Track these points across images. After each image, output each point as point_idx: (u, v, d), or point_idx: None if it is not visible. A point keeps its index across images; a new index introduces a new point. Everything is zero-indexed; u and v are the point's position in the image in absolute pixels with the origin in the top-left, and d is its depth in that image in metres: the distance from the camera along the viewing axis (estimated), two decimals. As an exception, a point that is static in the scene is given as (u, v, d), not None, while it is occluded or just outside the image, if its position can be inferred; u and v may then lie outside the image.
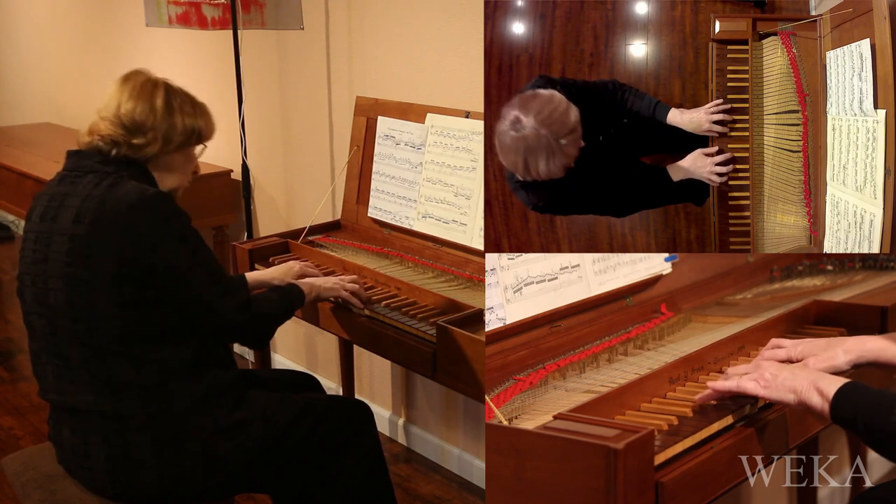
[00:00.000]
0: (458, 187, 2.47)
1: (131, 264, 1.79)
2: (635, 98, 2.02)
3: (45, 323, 1.88)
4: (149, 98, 1.91)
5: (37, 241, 1.88)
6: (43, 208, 1.90)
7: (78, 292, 1.81)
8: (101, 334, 1.81)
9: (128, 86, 1.93)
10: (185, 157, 1.99)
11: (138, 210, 1.80)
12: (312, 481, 2.04)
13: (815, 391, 1.37)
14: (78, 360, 1.84)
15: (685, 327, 1.94)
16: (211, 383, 1.90)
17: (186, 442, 1.86)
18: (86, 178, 1.88)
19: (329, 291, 2.21)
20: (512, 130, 1.75)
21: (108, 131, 1.90)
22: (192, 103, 1.99)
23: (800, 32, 1.96)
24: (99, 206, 1.81)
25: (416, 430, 3.19)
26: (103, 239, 1.79)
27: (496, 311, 1.70)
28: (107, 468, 1.85)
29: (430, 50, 2.76)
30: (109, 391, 1.83)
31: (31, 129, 5.26)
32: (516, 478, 1.31)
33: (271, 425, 1.95)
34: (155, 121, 1.90)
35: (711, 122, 1.97)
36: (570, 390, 1.62)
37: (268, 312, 2.02)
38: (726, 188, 2.01)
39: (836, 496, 2.62)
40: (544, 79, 1.97)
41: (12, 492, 2.08)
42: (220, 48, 3.67)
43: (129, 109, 1.89)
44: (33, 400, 3.65)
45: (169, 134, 1.92)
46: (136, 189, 1.83)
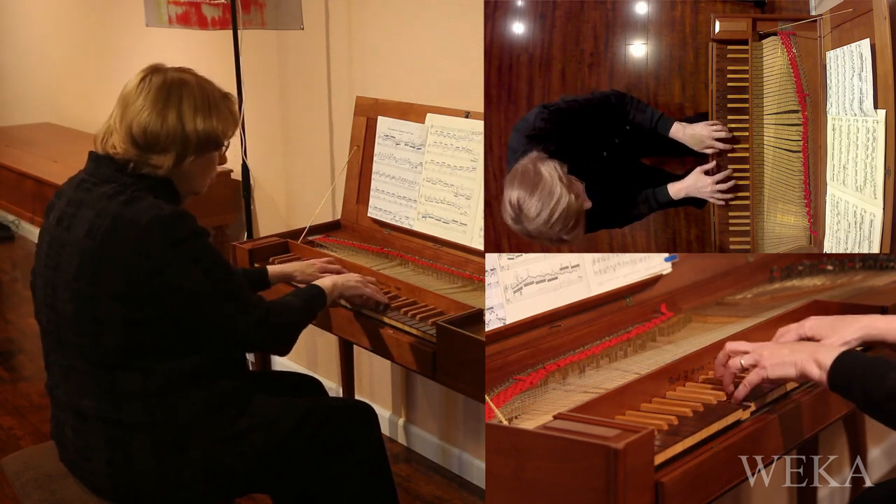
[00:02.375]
0: (458, 187, 2.47)
1: (138, 285, 1.76)
2: (637, 111, 2.01)
3: (53, 328, 1.87)
4: (161, 110, 1.83)
5: (50, 245, 1.86)
6: (60, 211, 1.86)
7: (84, 306, 1.79)
8: (106, 347, 1.80)
9: (142, 92, 1.85)
10: (205, 162, 1.93)
11: (149, 232, 1.75)
12: (314, 482, 2.03)
13: (813, 362, 1.41)
14: (83, 367, 1.83)
15: (685, 327, 1.94)
16: (216, 392, 1.88)
17: (189, 450, 1.85)
18: (102, 188, 1.83)
19: (352, 290, 2.17)
20: (514, 223, 1.77)
21: (122, 148, 1.84)
22: (210, 104, 1.89)
23: (800, 32, 1.96)
24: (112, 223, 1.77)
25: (416, 430, 3.19)
26: (112, 258, 1.76)
27: (496, 311, 1.70)
28: (108, 472, 1.85)
29: (430, 50, 2.76)
30: (113, 399, 1.82)
31: (31, 129, 5.26)
32: (516, 478, 1.31)
33: (274, 431, 1.94)
34: (168, 134, 1.83)
35: (713, 140, 1.97)
36: (570, 390, 1.62)
37: (289, 321, 1.96)
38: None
39: (836, 496, 2.62)
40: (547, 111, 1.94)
41: (12, 492, 2.08)
42: (220, 48, 3.67)
43: (140, 123, 1.82)
44: (33, 400, 3.65)
45: (183, 150, 1.85)
46: (151, 208, 1.77)
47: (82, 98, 5.21)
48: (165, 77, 1.88)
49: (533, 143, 1.87)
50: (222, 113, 1.91)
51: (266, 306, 1.92)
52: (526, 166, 1.77)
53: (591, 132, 1.99)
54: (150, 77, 1.88)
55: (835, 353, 1.40)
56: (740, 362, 1.49)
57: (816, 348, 1.44)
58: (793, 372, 1.43)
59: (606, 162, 2.01)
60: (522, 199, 1.73)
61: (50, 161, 4.19)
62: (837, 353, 1.39)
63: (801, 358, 1.42)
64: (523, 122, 1.96)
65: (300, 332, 2.01)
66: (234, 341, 1.88)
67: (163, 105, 1.84)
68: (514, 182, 1.76)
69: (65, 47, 5.33)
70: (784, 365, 1.44)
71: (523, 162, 1.79)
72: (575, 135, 1.93)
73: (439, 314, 2.11)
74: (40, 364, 4.00)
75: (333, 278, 2.17)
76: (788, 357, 1.44)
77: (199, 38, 3.85)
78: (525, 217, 1.74)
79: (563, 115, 1.95)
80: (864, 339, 1.56)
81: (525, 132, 1.92)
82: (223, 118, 1.91)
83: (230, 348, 1.90)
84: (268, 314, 1.90)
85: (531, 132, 1.92)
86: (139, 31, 4.17)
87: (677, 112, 2.08)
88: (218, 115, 1.90)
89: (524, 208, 1.73)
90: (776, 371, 1.44)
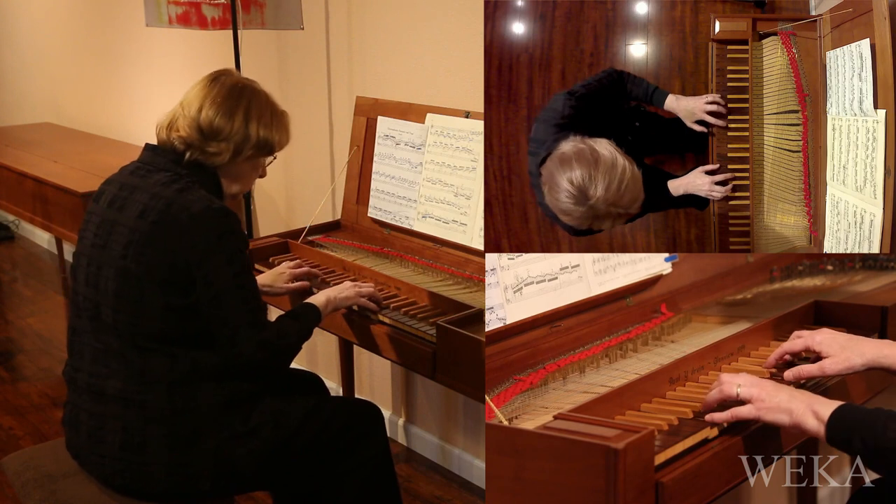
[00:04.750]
0: (458, 187, 2.47)
1: (181, 272, 1.82)
2: (633, 84, 2.02)
3: (91, 306, 1.91)
4: (231, 107, 1.94)
5: (100, 225, 1.92)
6: (112, 195, 1.93)
7: (128, 285, 1.84)
8: (141, 330, 1.85)
9: (214, 88, 1.96)
10: (253, 165, 2.03)
11: (199, 221, 1.82)
12: (318, 481, 2.04)
13: (810, 414, 1.38)
14: (115, 347, 1.87)
15: (685, 327, 1.94)
16: (235, 390, 1.91)
17: (201, 443, 1.87)
18: (158, 175, 1.91)
19: (346, 301, 2.18)
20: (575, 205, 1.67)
21: (186, 133, 1.92)
22: (272, 113, 2.01)
23: (800, 32, 1.96)
24: (165, 207, 1.84)
25: (416, 430, 3.19)
26: (161, 241, 1.82)
27: (496, 311, 1.70)
28: (119, 456, 1.86)
29: (430, 50, 2.76)
30: (139, 381, 1.86)
31: (31, 129, 5.26)
32: (516, 478, 1.31)
33: (281, 428, 1.95)
34: (231, 131, 1.94)
35: (705, 112, 1.97)
36: (569, 390, 1.62)
37: (287, 346, 1.99)
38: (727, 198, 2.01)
39: (836, 496, 2.62)
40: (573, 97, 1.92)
41: (12, 492, 2.08)
42: (220, 48, 3.67)
43: (209, 116, 1.92)
44: (33, 400, 3.65)
45: (241, 146, 1.95)
46: (204, 199, 1.86)
47: (82, 98, 5.21)
48: (236, 80, 2.00)
49: (564, 131, 1.83)
50: (282, 125, 2.04)
51: (275, 331, 1.95)
52: (578, 147, 1.70)
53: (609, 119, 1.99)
54: (222, 77, 2.00)
55: (832, 406, 1.37)
56: (736, 391, 1.44)
57: (813, 399, 1.40)
58: (787, 420, 1.40)
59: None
60: (586, 177, 1.65)
61: (50, 161, 4.19)
62: (835, 407, 1.36)
63: (798, 408, 1.39)
64: (549, 112, 1.93)
65: (293, 357, 2.04)
66: (234, 352, 1.88)
67: (233, 104, 1.95)
68: (570, 164, 1.68)
69: (65, 47, 5.33)
70: (779, 411, 1.40)
71: (568, 146, 1.71)
72: (598, 120, 1.91)
73: (439, 314, 2.11)
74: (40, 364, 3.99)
75: (326, 293, 2.16)
76: (785, 404, 1.40)
77: (199, 38, 3.85)
78: (591, 195, 1.65)
79: (586, 100, 1.94)
80: (870, 364, 1.53)
81: (554, 121, 1.89)
82: (280, 130, 2.03)
83: (229, 360, 1.90)
84: (275, 339, 1.93)
85: (560, 121, 1.89)
86: (139, 31, 4.17)
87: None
88: (278, 126, 2.02)
89: (589, 185, 1.65)
90: (770, 415, 1.41)
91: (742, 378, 1.47)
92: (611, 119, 2.00)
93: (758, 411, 1.41)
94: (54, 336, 4.31)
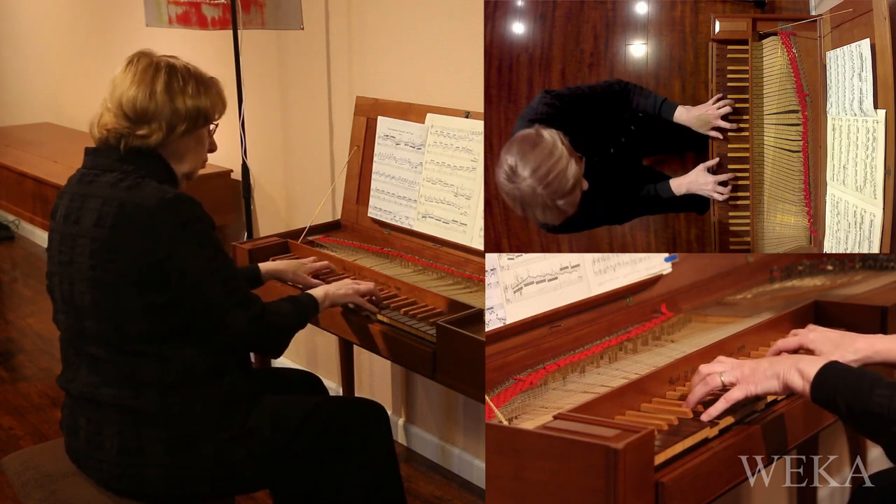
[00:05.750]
0: (458, 187, 2.47)
1: (152, 269, 1.80)
2: (640, 97, 2.01)
3: (73, 322, 1.90)
4: (149, 84, 1.88)
5: (62, 242, 1.89)
6: (66, 209, 1.90)
7: (103, 294, 1.82)
8: (127, 334, 1.83)
9: (129, 72, 1.91)
10: (195, 139, 1.96)
11: (157, 216, 1.79)
12: (319, 481, 2.04)
13: (796, 372, 1.38)
14: (104, 357, 1.86)
15: (685, 327, 1.94)
16: (230, 390, 1.91)
17: (200, 445, 1.87)
18: (104, 177, 1.87)
19: (343, 298, 2.18)
20: (507, 181, 1.71)
21: (114, 123, 1.88)
22: (197, 81, 1.94)
23: (800, 32, 1.96)
24: (119, 209, 1.81)
25: (416, 430, 3.19)
26: (124, 244, 1.80)
27: (496, 311, 1.70)
28: (117, 460, 1.86)
29: (430, 50, 2.76)
30: (132, 387, 1.85)
31: (31, 129, 5.26)
32: (516, 478, 1.31)
33: (281, 429, 1.95)
34: (157, 108, 1.87)
35: (719, 118, 1.97)
36: (570, 390, 1.62)
37: (281, 324, 1.98)
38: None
39: (836, 496, 2.62)
40: (550, 96, 1.94)
41: (12, 492, 2.08)
42: (220, 48, 3.67)
43: (130, 98, 1.87)
44: (33, 400, 3.65)
45: (172, 121, 1.89)
46: (156, 192, 1.81)
47: (82, 98, 5.21)
48: (152, 59, 1.94)
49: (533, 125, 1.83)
50: (210, 92, 1.97)
51: (262, 305, 1.94)
52: (526, 132, 1.73)
53: (597, 124, 1.98)
54: (137, 59, 1.94)
55: (818, 364, 1.37)
56: (720, 380, 1.45)
57: (798, 359, 1.41)
58: (776, 384, 1.40)
59: (610, 159, 2.00)
60: (520, 157, 1.68)
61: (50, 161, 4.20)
62: (822, 364, 1.37)
63: (784, 369, 1.39)
64: (528, 108, 1.95)
65: (291, 336, 2.03)
66: (227, 334, 1.89)
67: (151, 80, 1.89)
68: (512, 146, 1.71)
69: (65, 47, 5.33)
70: (767, 378, 1.41)
71: (524, 130, 1.74)
72: (580, 124, 1.91)
73: (439, 314, 2.11)
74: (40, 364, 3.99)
75: (325, 288, 2.17)
76: (770, 370, 1.41)
77: (199, 38, 3.85)
78: (519, 175, 1.67)
79: (566, 101, 1.94)
80: (864, 360, 1.53)
81: (528, 117, 1.90)
82: (212, 98, 1.96)
83: (221, 341, 1.90)
84: (263, 312, 1.93)
85: (534, 116, 1.89)
86: (139, 31, 4.17)
87: (677, 112, 2.08)
88: (206, 93, 1.95)
89: (520, 165, 1.67)
90: (760, 386, 1.41)
91: (719, 365, 1.48)
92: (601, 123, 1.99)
93: (748, 387, 1.42)
94: (54, 336, 4.28)
